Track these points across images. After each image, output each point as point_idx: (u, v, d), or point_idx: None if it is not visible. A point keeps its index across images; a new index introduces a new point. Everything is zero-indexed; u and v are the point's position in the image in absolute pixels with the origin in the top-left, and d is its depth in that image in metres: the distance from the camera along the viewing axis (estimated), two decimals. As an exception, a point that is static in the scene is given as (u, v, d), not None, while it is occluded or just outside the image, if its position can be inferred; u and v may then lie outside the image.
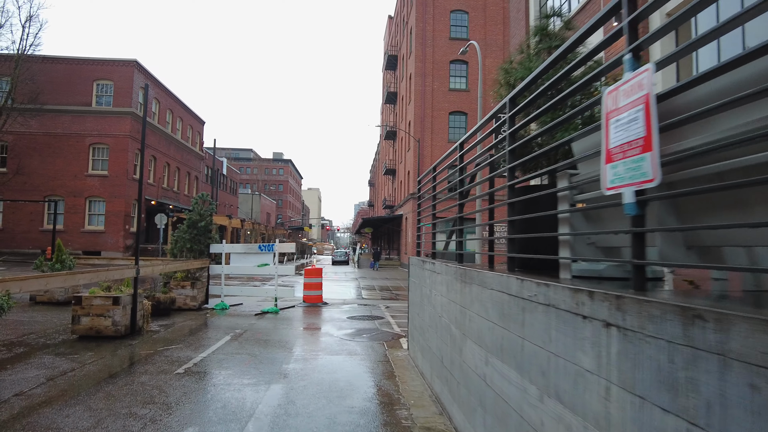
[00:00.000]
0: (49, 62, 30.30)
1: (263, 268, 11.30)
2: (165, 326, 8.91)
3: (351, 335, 8.31)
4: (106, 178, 30.03)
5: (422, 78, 32.43)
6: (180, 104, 39.29)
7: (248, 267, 11.49)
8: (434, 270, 5.05)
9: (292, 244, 11.24)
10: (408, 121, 35.39)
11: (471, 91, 32.83)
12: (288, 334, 8.38)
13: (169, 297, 10.37)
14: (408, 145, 35.35)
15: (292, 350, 7.09)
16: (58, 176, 29.87)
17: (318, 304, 12.09)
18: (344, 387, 5.27)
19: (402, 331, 8.70)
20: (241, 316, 10.48)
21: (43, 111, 29.36)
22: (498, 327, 2.97)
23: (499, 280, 2.97)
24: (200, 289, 11.51)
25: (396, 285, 20.84)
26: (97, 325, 7.64)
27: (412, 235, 31.86)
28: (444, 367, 4.46)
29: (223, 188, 53.58)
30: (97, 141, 30.28)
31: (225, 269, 11.73)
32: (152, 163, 34.32)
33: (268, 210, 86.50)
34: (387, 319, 10.10)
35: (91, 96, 30.68)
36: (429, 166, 32.71)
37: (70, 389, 4.96)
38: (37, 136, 29.96)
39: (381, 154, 59.05)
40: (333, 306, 12.18)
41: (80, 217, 29.88)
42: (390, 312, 11.14)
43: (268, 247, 11.25)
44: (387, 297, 15.80)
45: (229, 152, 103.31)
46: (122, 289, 8.20)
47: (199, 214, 12.00)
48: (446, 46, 33.16)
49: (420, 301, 5.89)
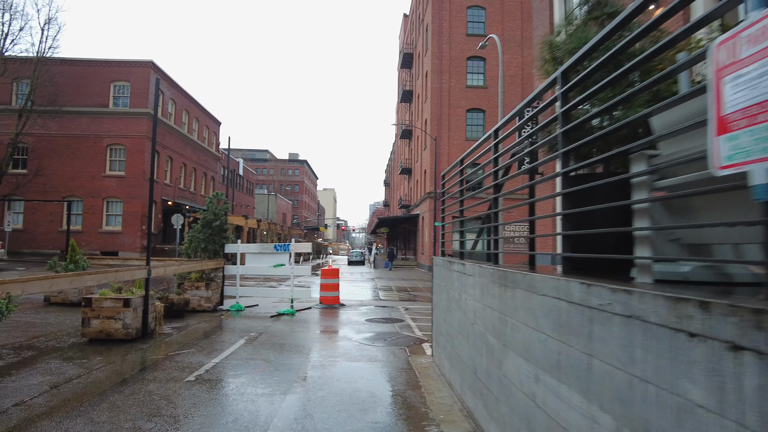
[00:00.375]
0: (67, 64, 30.55)
1: (279, 269, 10.95)
2: (178, 329, 8.60)
3: (370, 339, 7.89)
4: (123, 179, 30.16)
5: (438, 75, 31.90)
6: (196, 105, 39.39)
7: (264, 267, 11.16)
8: (464, 272, 4.60)
9: (308, 244, 10.88)
10: (424, 119, 34.89)
11: (489, 88, 32.20)
12: (305, 338, 7.99)
13: (182, 298, 10.09)
14: (424, 143, 34.84)
15: (309, 355, 6.69)
16: (76, 177, 30.09)
17: (335, 306, 11.71)
18: (366, 398, 4.85)
19: (424, 335, 8.26)
20: (256, 318, 10.14)
21: (61, 113, 29.60)
22: (552, 340, 2.52)
23: (554, 285, 2.51)
24: (215, 290, 11.21)
25: (413, 286, 20.38)
26: (107, 328, 7.35)
27: (429, 235, 31.36)
28: (478, 379, 4.01)
29: (239, 189, 53.73)
30: (114, 142, 30.44)
31: (240, 270, 11.42)
32: (168, 163, 34.43)
33: (284, 210, 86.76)
34: (407, 321, 9.66)
35: (108, 97, 30.85)
36: (446, 164, 32.17)
37: (74, 399, 4.63)
38: (57, 138, 30.24)
39: (396, 154, 58.62)
40: (350, 308, 11.79)
41: (98, 218, 30.05)
42: (410, 314, 10.70)
43: (284, 247, 10.91)
44: (405, 298, 15.35)
45: (245, 153, 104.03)
46: (133, 291, 7.91)
47: (213, 214, 11.72)
48: (463, 42, 32.58)
49: (447, 305, 5.44)
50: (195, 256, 11.52)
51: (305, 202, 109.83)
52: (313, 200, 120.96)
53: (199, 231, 11.61)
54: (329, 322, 9.56)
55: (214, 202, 11.82)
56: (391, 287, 19.45)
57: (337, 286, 11.90)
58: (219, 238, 11.66)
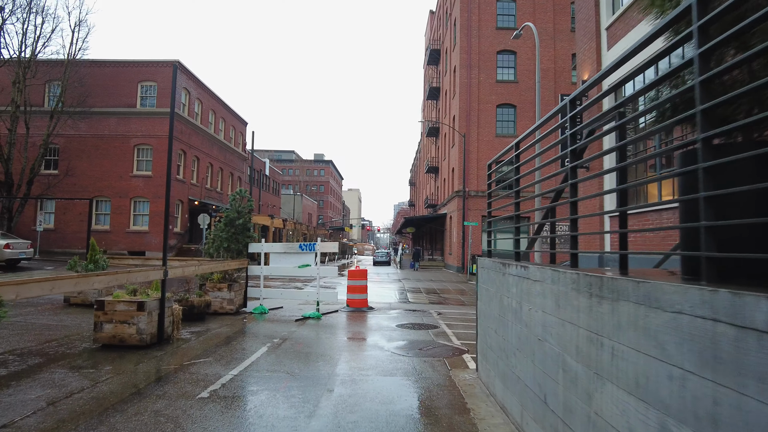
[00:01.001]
0: (96, 66, 30.86)
1: (304, 270, 10.32)
2: (197, 333, 8.03)
3: (404, 349, 7.14)
4: (150, 179, 30.25)
5: (467, 70, 30.92)
6: (222, 105, 39.43)
7: (288, 268, 10.54)
8: (527, 276, 3.80)
9: (335, 244, 10.21)
10: (452, 116, 33.94)
11: (520, 83, 31.05)
12: (331, 346, 7.30)
13: (203, 300, 9.54)
14: (452, 140, 33.89)
15: (336, 367, 5.98)
16: (105, 177, 30.34)
17: (363, 309, 11.00)
18: (406, 426, 4.09)
19: (463, 345, 7.45)
20: (280, 321, 9.53)
21: (90, 114, 29.90)
22: (698, 380, 1.71)
23: (705, 300, 1.70)
24: (238, 292, 10.66)
25: (443, 288, 19.53)
26: (120, 333, 6.81)
27: (457, 235, 30.41)
28: (549, 410, 3.21)
29: (265, 189, 53.81)
30: (141, 142, 30.58)
31: (264, 270, 10.84)
32: (195, 163, 34.46)
33: (309, 210, 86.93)
34: (442, 328, 8.87)
35: (136, 97, 31.03)
36: (476, 162, 31.21)
37: (69, 419, 4.03)
38: (86, 138, 30.56)
39: (422, 153, 57.74)
40: (379, 311, 11.07)
41: (125, 218, 30.22)
42: (444, 320, 9.89)
43: (310, 247, 10.27)
44: (435, 301, 14.54)
45: (271, 154, 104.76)
46: (149, 293, 7.36)
47: (236, 212, 11.18)
48: (492, 36, 31.52)
49: (499, 315, 4.64)
50: (218, 255, 11.00)
51: (330, 202, 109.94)
52: (338, 200, 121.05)
53: (221, 230, 11.09)
54: (357, 328, 8.85)
55: (238, 200, 11.29)
56: (420, 289, 18.66)
57: (365, 288, 11.20)
58: (242, 237, 11.11)
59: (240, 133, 44.60)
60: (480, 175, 30.34)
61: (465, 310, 12.02)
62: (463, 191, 29.74)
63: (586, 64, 11.60)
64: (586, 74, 11.64)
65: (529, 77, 31.11)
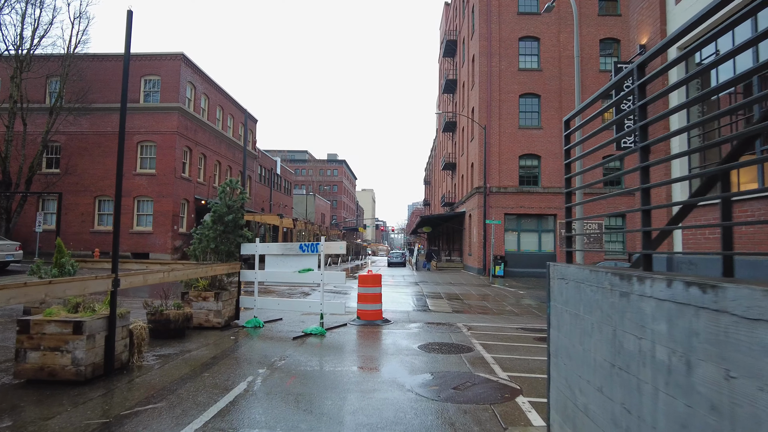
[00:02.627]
0: (98, 60, 29.60)
1: (305, 275, 8.50)
2: (165, 358, 6.26)
3: (432, 387, 5.25)
4: (154, 177, 28.85)
5: (487, 58, 28.88)
6: (231, 101, 37.98)
7: (287, 273, 8.73)
8: (674, 298, 1.89)
9: (342, 243, 8.34)
10: (471, 108, 31.91)
11: (544, 71, 28.90)
12: (335, 382, 5.44)
13: (182, 314, 7.79)
14: (471, 134, 31.86)
15: (343, 424, 4.13)
16: (107, 176, 29.00)
17: (376, 322, 9.14)
18: None
19: (512, 381, 5.52)
20: (276, 339, 7.74)
21: (91, 110, 28.63)
22: None
23: None
24: (227, 302, 8.90)
25: (465, 293, 17.58)
26: (50, 364, 5.06)
27: (477, 234, 28.38)
28: None
29: (276, 188, 52.35)
30: (144, 139, 29.19)
31: (259, 275, 9.05)
32: (202, 161, 33.02)
33: (322, 210, 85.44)
34: (477, 350, 6.95)
35: (139, 92, 29.66)
36: (497, 155, 29.12)
37: None
38: (88, 136, 29.30)
39: (438, 149, 55.71)
40: (395, 324, 9.20)
41: (128, 218, 28.83)
42: (477, 337, 7.97)
43: (312, 248, 8.45)
44: (459, 309, 12.62)
45: (284, 154, 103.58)
46: (96, 309, 5.61)
47: (226, 206, 9.42)
48: (514, 21, 29.44)
49: (612, 365, 2.74)
50: (204, 258, 9.25)
51: (344, 202, 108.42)
52: (351, 200, 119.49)
53: (209, 227, 9.34)
54: (369, 351, 6.98)
55: (227, 192, 9.53)
56: (440, 294, 16.74)
57: (378, 297, 9.33)
58: (233, 236, 9.34)
59: (250, 131, 43.14)
60: (502, 170, 28.26)
61: (499, 323, 10.09)
62: (484, 187, 27.70)
63: (645, 24, 9.57)
64: (644, 37, 9.62)
65: (553, 65, 28.98)
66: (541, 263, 27.95)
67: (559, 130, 28.41)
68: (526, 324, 10.02)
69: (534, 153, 28.47)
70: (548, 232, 28.48)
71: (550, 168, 28.31)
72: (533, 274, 27.34)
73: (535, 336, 8.10)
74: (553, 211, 28.01)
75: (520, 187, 28.28)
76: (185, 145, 30.29)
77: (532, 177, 28.66)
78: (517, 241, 28.39)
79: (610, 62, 29.19)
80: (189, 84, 30.90)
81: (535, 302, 15.29)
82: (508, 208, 28.04)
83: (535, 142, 28.47)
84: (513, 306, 14.00)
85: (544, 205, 28.03)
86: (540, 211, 28.13)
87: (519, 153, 28.42)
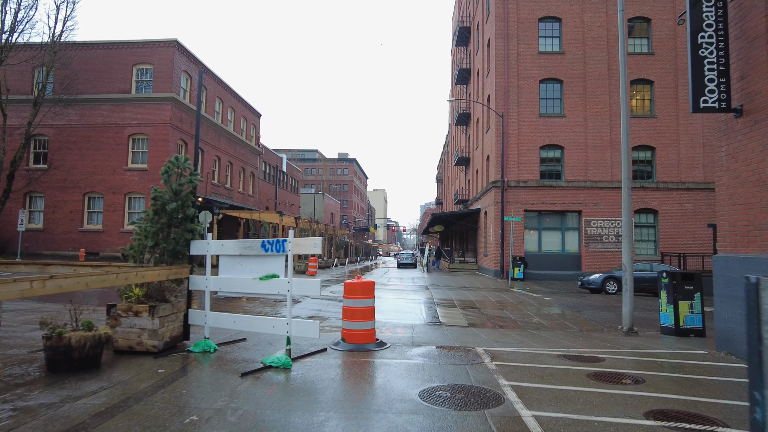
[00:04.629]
0: (87, 48, 27.83)
1: (269, 283, 6.24)
2: (26, 413, 4.06)
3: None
4: (146, 172, 26.95)
5: (504, 40, 26.43)
6: (232, 93, 36.03)
7: (245, 280, 6.48)
8: None
9: (316, 240, 5.98)
10: (486, 96, 29.46)
11: (567, 54, 26.35)
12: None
13: (91, 336, 5.59)
14: (486, 124, 29.41)
15: None
16: (97, 171, 27.21)
17: (367, 346, 6.84)
18: None
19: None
20: (222, 372, 5.52)
21: (79, 101, 26.87)
22: None
23: None
24: (168, 318, 6.69)
25: (482, 299, 15.20)
26: None
27: (494, 233, 25.92)
28: None
29: (283, 186, 50.40)
30: (136, 131, 27.32)
31: (210, 283, 6.82)
32: (199, 155, 31.03)
33: (332, 210, 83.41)
34: (509, 401, 4.57)
35: (131, 82, 27.81)
36: (515, 147, 26.57)
37: None
38: (77, 129, 27.52)
39: (451, 145, 53.22)
40: (393, 349, 6.90)
41: (119, 216, 26.98)
42: (505, 374, 5.59)
43: (277, 246, 6.18)
44: (476, 321, 10.30)
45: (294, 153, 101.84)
46: None
47: (172, 191, 7.22)
48: (533, 1, 26.94)
49: None
50: (139, 261, 7.06)
51: (354, 201, 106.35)
52: (362, 200, 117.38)
53: (150, 219, 7.15)
54: (348, 402, 4.67)
55: (174, 173, 7.32)
56: (453, 301, 14.40)
57: (370, 313, 7.02)
58: (181, 231, 7.14)
59: (253, 125, 41.18)
60: (521, 163, 25.77)
61: (530, 343, 7.74)
62: (502, 182, 25.24)
63: None
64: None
65: (576, 47, 26.41)
66: (564, 265, 25.40)
67: (583, 118, 25.84)
68: (566, 345, 7.66)
69: (556, 144, 25.92)
70: (572, 231, 25.90)
71: (574, 160, 25.74)
72: (556, 277, 24.80)
73: (588, 371, 5.74)
74: (578, 207, 25.44)
75: (541, 181, 25.75)
76: (180, 138, 28.36)
77: (554, 170, 26.11)
78: (538, 240, 25.86)
79: (640, 44, 26.54)
80: (184, 73, 28.99)
81: (565, 311, 12.88)
82: (528, 204, 25.53)
83: (558, 132, 25.92)
84: (540, 317, 11.62)
85: (568, 200, 25.47)
86: (563, 207, 25.57)
87: (540, 144, 25.89)
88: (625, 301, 9.53)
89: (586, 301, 15.86)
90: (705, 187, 25.18)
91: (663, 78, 25.78)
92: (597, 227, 25.33)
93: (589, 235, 25.26)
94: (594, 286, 18.98)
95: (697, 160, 25.50)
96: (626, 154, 10.12)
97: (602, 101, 25.88)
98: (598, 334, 9.23)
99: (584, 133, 25.79)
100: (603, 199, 25.40)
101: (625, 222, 9.91)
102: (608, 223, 25.32)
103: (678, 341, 8.59)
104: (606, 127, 25.74)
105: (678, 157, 25.55)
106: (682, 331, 9.09)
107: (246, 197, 38.95)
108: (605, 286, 18.83)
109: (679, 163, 25.54)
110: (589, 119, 25.82)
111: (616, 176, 25.41)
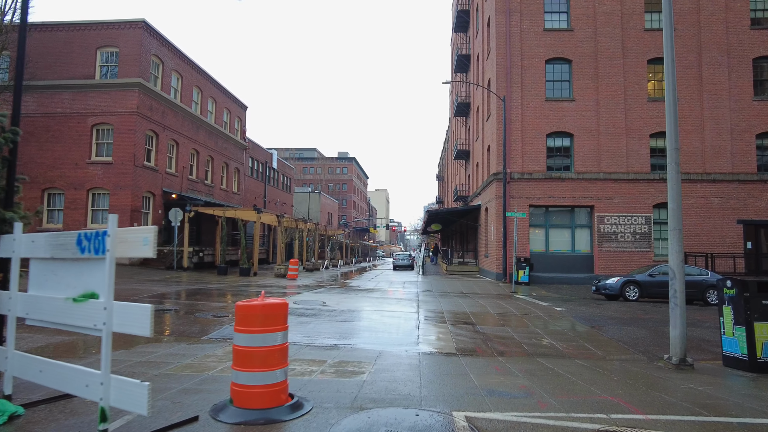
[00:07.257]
0: (46, 29, 25.26)
1: (82, 308, 3.52)
2: None
3: None
4: (111, 166, 24.35)
5: (506, 16, 23.66)
6: (212, 82, 33.38)
7: (56, 302, 3.78)
8: None
9: (147, 233, 3.33)
10: (487, 80, 26.69)
11: (576, 31, 23.55)
12: None
13: None
14: (487, 111, 26.64)
15: None
16: (57, 165, 24.62)
17: (269, 415, 4.07)
18: None
19: None
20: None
21: (38, 87, 24.34)
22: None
23: None
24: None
25: (480, 311, 12.43)
26: None
27: (496, 232, 23.09)
28: None
29: (273, 184, 47.71)
30: (100, 121, 24.73)
31: (17, 303, 4.10)
32: (173, 149, 28.44)
33: (329, 210, 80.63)
34: None
35: (94, 67, 25.22)
36: (519, 134, 23.48)
37: None
38: (35, 119, 24.90)
39: (451, 140, 50.45)
40: (316, 415, 4.17)
41: (81, 214, 24.36)
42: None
43: (96, 243, 3.49)
44: (468, 347, 7.53)
45: (293, 152, 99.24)
46: None
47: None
48: (538, -27, 24.14)
49: None
50: None
51: (354, 201, 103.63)
52: (362, 200, 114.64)
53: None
54: None
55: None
56: (443, 314, 11.66)
57: (278, 355, 4.20)
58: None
59: (237, 118, 38.54)
60: (526, 152, 22.97)
61: (547, 405, 5.01)
62: (504, 173, 22.45)
63: None
64: None
65: (587, 23, 23.61)
66: (574, 267, 22.57)
67: (595, 102, 23.03)
68: (597, 394, 4.93)
69: (565, 131, 23.10)
70: (583, 228, 23.06)
71: (585, 149, 22.92)
72: (565, 281, 21.98)
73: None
74: (590, 202, 22.61)
75: (548, 172, 22.94)
76: (149, 128, 25.72)
77: (562, 160, 23.29)
78: (545, 239, 23.05)
79: (659, 19, 23.70)
80: (154, 57, 26.36)
81: (583, 327, 10.12)
82: (534, 199, 22.72)
83: (566, 117, 23.10)
84: (552, 336, 8.87)
85: (578, 194, 22.64)
86: (573, 202, 22.74)
87: (546, 131, 23.08)
88: (674, 321, 6.76)
89: (605, 311, 13.08)
90: (733, 179, 22.29)
91: (685, 57, 22.90)
92: (611, 224, 22.49)
93: (602, 233, 22.41)
94: (611, 292, 16.19)
95: (724, 148, 22.59)
96: (672, 124, 7.35)
97: (616, 83, 23.05)
98: (637, 369, 6.47)
99: (596, 118, 22.97)
100: (618, 193, 22.55)
101: (672, 209, 7.13)
102: (624, 220, 22.48)
103: (759, 382, 5.84)
104: (620, 112, 22.90)
105: (702, 145, 22.66)
106: (760, 366, 6.31)
107: (230, 194, 36.30)
108: (624, 291, 16.05)
109: (704, 152, 22.65)
110: (601, 103, 22.99)
111: (632, 167, 22.58)
